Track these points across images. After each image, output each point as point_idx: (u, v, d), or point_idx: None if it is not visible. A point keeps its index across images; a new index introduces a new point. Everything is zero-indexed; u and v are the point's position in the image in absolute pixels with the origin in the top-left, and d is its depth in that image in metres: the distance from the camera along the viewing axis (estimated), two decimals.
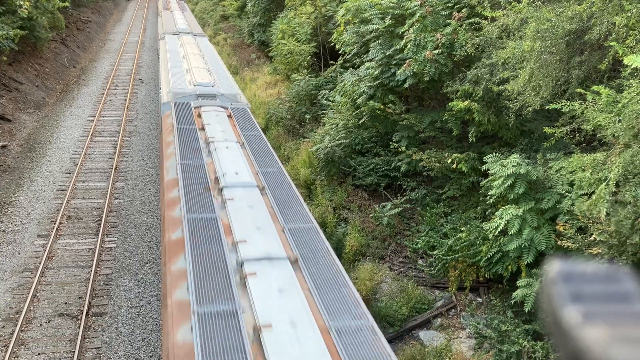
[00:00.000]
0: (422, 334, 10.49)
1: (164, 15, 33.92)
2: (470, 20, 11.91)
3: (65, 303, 11.34)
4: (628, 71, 7.59)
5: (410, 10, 13.16)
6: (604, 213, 7.50)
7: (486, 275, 10.49)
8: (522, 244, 9.27)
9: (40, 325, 10.68)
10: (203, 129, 11.71)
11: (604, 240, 7.74)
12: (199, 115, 12.63)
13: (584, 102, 8.26)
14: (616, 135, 7.65)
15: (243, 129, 12.07)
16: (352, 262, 12.27)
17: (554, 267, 0.60)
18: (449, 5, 12.72)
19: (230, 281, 6.30)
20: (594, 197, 7.78)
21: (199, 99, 13.80)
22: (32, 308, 11.10)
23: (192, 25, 29.86)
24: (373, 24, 14.69)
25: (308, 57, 22.45)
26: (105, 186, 16.59)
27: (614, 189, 7.69)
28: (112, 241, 13.76)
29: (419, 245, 12.13)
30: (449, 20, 12.37)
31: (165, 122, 12.90)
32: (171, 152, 10.67)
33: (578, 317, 0.53)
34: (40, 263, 12.43)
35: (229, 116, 12.99)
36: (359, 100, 14.44)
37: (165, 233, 8.07)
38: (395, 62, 13.65)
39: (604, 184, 7.63)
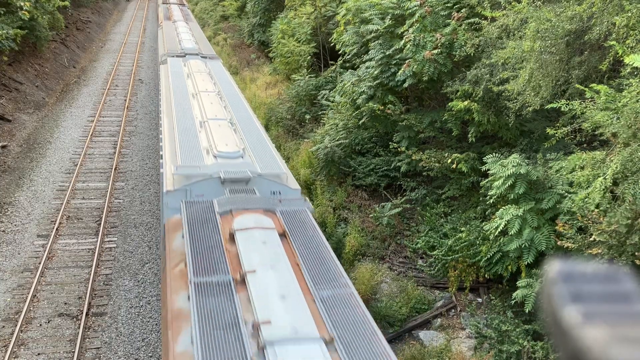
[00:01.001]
0: (422, 334, 10.49)
1: (166, 27, 27.89)
2: (469, 21, 11.92)
3: (65, 303, 11.34)
4: (628, 70, 7.60)
5: (410, 11, 13.17)
6: (596, 202, 7.54)
7: (486, 276, 10.49)
8: (522, 244, 9.27)
9: (40, 325, 10.68)
10: (243, 280, 6.30)
11: (603, 241, 7.75)
12: (232, 238, 7.05)
13: (584, 102, 8.27)
14: (615, 133, 7.66)
15: (315, 276, 6.55)
16: (352, 262, 12.27)
17: (554, 267, 0.60)
18: (449, 5, 12.72)
19: None
20: (589, 190, 7.81)
21: (226, 187, 8.72)
22: (32, 308, 11.10)
23: (200, 43, 24.33)
24: (373, 24, 14.70)
25: (308, 57, 22.45)
26: (105, 186, 16.59)
27: (612, 188, 7.71)
28: (112, 241, 13.76)
29: (419, 245, 12.12)
30: (449, 21, 12.37)
31: (171, 241, 7.63)
32: (184, 349, 5.67)
33: (578, 317, 0.53)
34: (40, 263, 12.43)
35: (282, 235, 7.33)
36: (359, 101, 14.45)
37: None
38: (395, 62, 13.66)
39: (600, 178, 7.65)
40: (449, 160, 11.89)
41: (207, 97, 13.72)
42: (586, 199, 7.87)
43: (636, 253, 7.50)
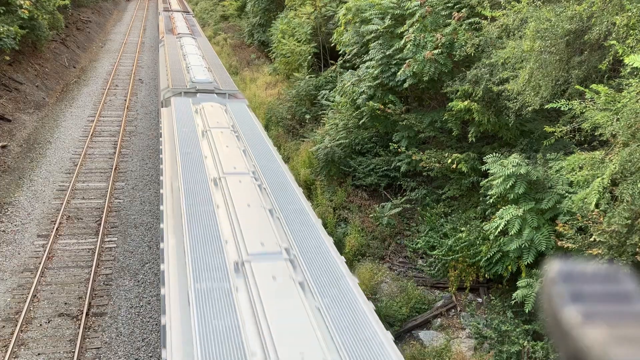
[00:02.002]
0: (422, 334, 10.49)
1: (168, 45, 22.24)
2: (470, 20, 11.92)
3: (65, 303, 11.34)
4: (628, 70, 7.60)
5: (410, 10, 13.17)
6: (594, 203, 7.55)
7: (486, 276, 10.49)
8: (522, 244, 9.27)
9: (40, 325, 10.68)
10: None
11: (603, 241, 7.75)
12: None
13: (584, 102, 8.27)
14: (614, 133, 7.66)
15: None
16: (352, 262, 12.27)
17: (553, 267, 0.60)
18: (449, 5, 12.72)
19: None
20: (587, 190, 7.82)
21: None
22: (32, 308, 11.10)
23: (215, 70, 18.59)
24: (373, 24, 14.70)
25: (308, 57, 22.45)
26: (105, 186, 16.59)
27: (611, 187, 7.71)
28: (112, 241, 13.76)
29: (419, 245, 12.12)
30: (449, 20, 12.37)
31: None
32: None
33: (578, 317, 0.53)
34: (40, 263, 12.43)
35: None
36: (359, 101, 14.44)
37: None
38: (395, 62, 13.66)
39: (599, 178, 7.66)
40: (449, 160, 11.89)
41: (239, 188, 8.90)
42: (584, 199, 7.88)
43: (637, 255, 7.50)
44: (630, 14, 7.82)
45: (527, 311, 9.03)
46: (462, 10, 12.15)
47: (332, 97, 17.54)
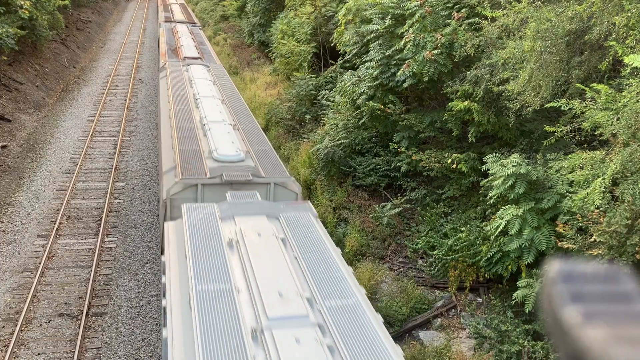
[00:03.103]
0: (422, 334, 10.49)
1: (172, 80, 15.63)
2: (470, 21, 11.92)
3: (65, 303, 11.34)
4: (628, 70, 7.60)
5: (410, 10, 13.17)
6: (597, 204, 7.55)
7: (486, 275, 10.49)
8: (522, 244, 9.27)
9: (40, 325, 10.68)
10: None
11: (604, 241, 7.75)
12: None
13: (584, 101, 8.28)
14: (615, 133, 7.67)
15: None
16: (352, 262, 12.27)
17: (554, 267, 0.60)
18: (449, 5, 12.72)
19: None
20: (588, 190, 7.82)
21: None
22: (32, 308, 11.10)
23: (244, 129, 12.01)
24: (373, 24, 14.71)
25: (308, 57, 22.44)
26: (105, 186, 16.59)
27: (612, 187, 7.71)
28: (112, 241, 13.76)
29: (419, 245, 12.13)
30: (449, 21, 12.37)
31: None
32: None
33: (578, 317, 0.53)
34: (40, 263, 12.43)
35: None
36: (359, 101, 14.44)
37: None
38: (394, 62, 13.66)
39: (600, 178, 7.66)
40: (449, 160, 11.89)
41: None
42: (585, 199, 7.88)
43: (636, 255, 7.50)
44: (629, 14, 7.82)
45: (527, 311, 9.03)
46: (462, 11, 12.15)
47: (332, 97, 17.54)
